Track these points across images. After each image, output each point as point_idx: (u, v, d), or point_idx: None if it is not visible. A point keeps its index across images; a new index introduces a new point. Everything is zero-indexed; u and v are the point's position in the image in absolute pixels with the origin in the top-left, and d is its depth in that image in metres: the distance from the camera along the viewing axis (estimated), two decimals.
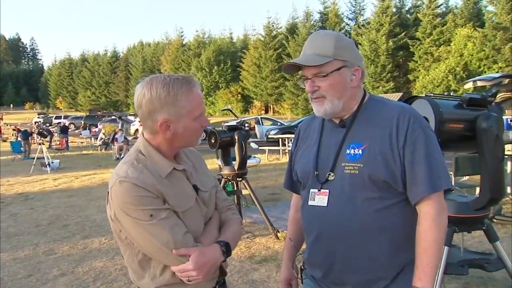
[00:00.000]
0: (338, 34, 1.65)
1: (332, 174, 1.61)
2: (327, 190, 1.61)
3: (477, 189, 3.72)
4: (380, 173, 1.52)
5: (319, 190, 1.63)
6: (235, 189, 6.25)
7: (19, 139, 22.13)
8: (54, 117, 49.08)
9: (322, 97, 1.60)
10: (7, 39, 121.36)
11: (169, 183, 1.49)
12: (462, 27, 38.81)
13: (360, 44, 42.21)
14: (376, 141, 1.55)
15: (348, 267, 1.59)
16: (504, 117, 4.85)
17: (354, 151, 1.58)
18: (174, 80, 1.47)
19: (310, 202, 1.66)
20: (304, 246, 1.85)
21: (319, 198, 1.63)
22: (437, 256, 1.52)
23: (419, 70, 40.75)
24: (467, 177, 6.92)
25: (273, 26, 52.06)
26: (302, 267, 1.82)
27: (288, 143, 16.02)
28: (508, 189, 6.82)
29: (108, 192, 1.48)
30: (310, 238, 1.70)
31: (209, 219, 1.62)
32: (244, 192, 6.35)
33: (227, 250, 1.53)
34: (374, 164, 1.52)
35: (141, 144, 1.55)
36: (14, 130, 30.52)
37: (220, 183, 6.05)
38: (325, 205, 1.60)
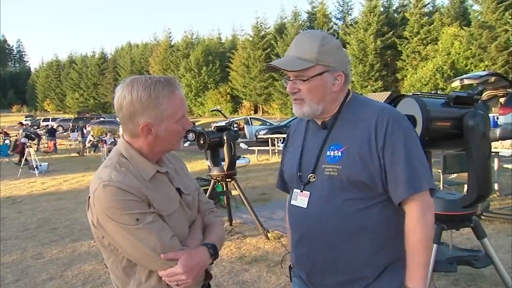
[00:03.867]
0: (324, 36, 1.60)
1: (313, 176, 1.62)
2: (308, 192, 1.62)
3: (465, 187, 3.76)
4: (358, 175, 1.52)
5: (301, 191, 1.64)
6: (225, 189, 6.26)
7: (6, 142, 21.85)
8: (42, 120, 48.61)
9: (301, 100, 1.60)
10: None
11: (153, 187, 1.46)
12: (448, 26, 39.27)
13: (348, 44, 42.49)
14: (356, 143, 1.55)
15: (329, 267, 1.60)
16: (490, 115, 4.90)
17: (334, 153, 1.58)
18: (155, 82, 1.43)
19: (293, 202, 1.68)
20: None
21: (301, 199, 1.64)
22: (425, 255, 1.53)
23: (407, 69, 41.07)
24: (455, 174, 6.96)
25: (261, 26, 52.18)
26: (291, 266, 1.82)
27: (278, 143, 16.02)
28: (496, 186, 6.90)
29: (89, 197, 1.44)
30: (294, 239, 1.72)
31: (193, 222, 1.60)
32: (234, 192, 6.34)
33: (214, 252, 1.52)
34: (353, 166, 1.53)
35: (122, 147, 1.51)
36: (0, 133, 30.08)
37: (210, 184, 6.05)
38: (305, 206, 1.62)
